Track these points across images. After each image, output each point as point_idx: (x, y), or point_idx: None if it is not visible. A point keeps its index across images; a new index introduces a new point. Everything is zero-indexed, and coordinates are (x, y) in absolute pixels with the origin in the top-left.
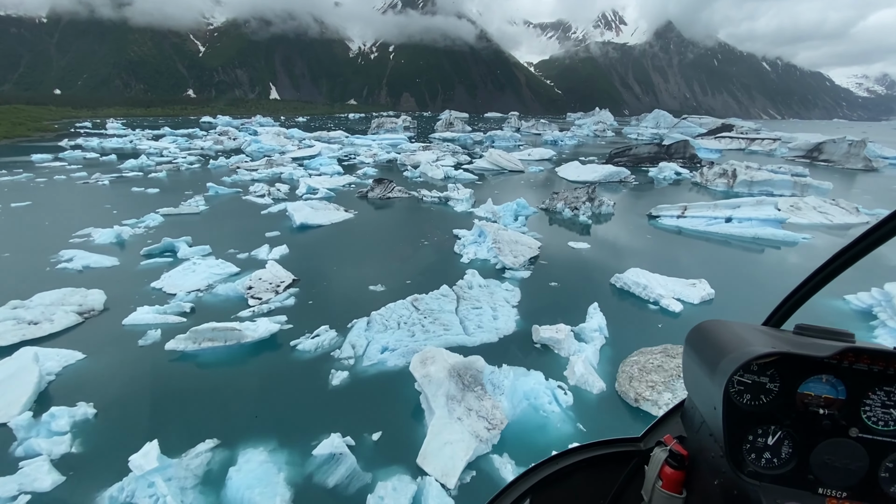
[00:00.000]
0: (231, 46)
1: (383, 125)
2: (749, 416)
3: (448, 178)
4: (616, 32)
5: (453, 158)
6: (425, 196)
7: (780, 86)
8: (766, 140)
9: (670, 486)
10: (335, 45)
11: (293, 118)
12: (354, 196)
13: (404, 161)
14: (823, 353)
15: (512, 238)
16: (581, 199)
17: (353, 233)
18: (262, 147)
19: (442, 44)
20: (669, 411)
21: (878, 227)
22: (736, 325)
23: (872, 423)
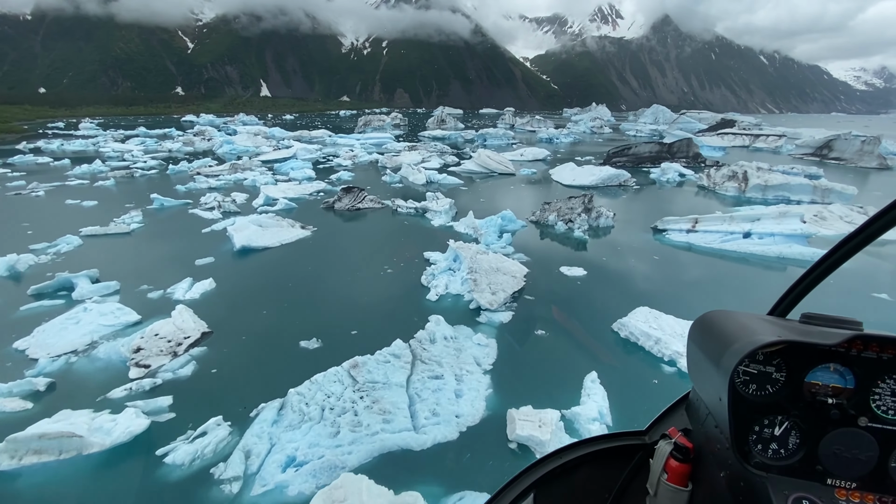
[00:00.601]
0: (221, 43)
1: (370, 123)
2: (755, 406)
3: (430, 184)
4: (613, 26)
5: (440, 159)
6: (400, 207)
7: (778, 80)
8: (770, 137)
9: (676, 479)
10: (328, 40)
11: (281, 116)
12: (319, 207)
13: (385, 163)
14: (831, 340)
15: (492, 265)
16: (576, 211)
17: (304, 258)
18: (234, 149)
19: (436, 39)
20: (674, 404)
21: (882, 214)
22: (741, 315)
23: (882, 413)
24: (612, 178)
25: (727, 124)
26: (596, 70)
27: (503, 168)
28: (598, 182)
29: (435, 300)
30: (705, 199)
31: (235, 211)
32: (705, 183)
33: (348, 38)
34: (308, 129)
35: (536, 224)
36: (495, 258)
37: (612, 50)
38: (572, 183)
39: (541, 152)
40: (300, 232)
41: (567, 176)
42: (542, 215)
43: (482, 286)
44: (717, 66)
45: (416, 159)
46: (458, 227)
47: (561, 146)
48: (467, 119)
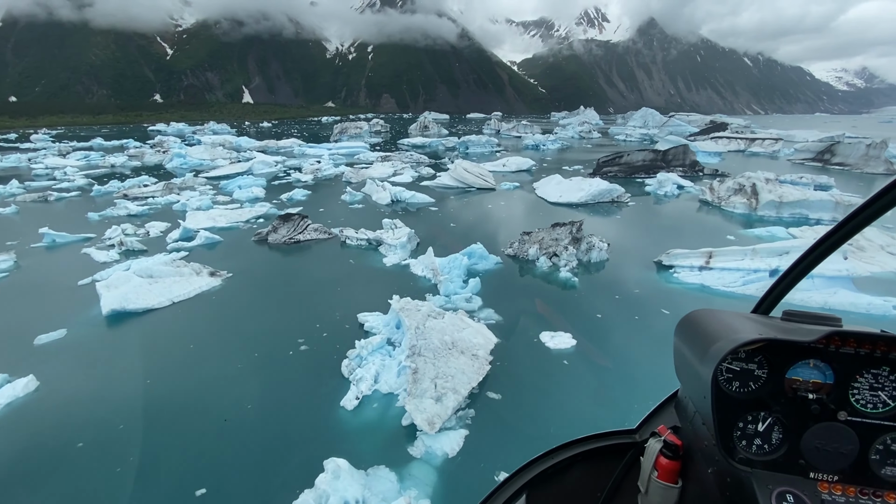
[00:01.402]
0: (201, 48)
1: (347, 131)
2: (739, 403)
3: (396, 203)
4: (599, 30)
5: (414, 172)
6: (349, 238)
7: (762, 81)
8: (766, 140)
9: (666, 476)
10: (312, 45)
11: (259, 123)
12: (249, 240)
13: (350, 177)
14: (809, 337)
15: (446, 337)
16: (562, 242)
17: (191, 328)
18: (186, 163)
19: (422, 43)
20: (663, 402)
21: (857, 213)
22: (724, 314)
23: (861, 406)
24: (604, 193)
25: (719, 127)
26: (583, 73)
27: (482, 182)
28: (588, 198)
29: (352, 409)
30: (712, 219)
31: (140, 249)
32: (708, 197)
33: (333, 42)
34: (283, 137)
35: (514, 259)
36: (452, 323)
37: (598, 53)
38: (559, 200)
39: (525, 162)
40: (206, 282)
41: (553, 191)
42: (521, 248)
43: (423, 384)
44: (702, 68)
45: (387, 172)
46: (415, 268)
47: (548, 153)
48: (454, 124)
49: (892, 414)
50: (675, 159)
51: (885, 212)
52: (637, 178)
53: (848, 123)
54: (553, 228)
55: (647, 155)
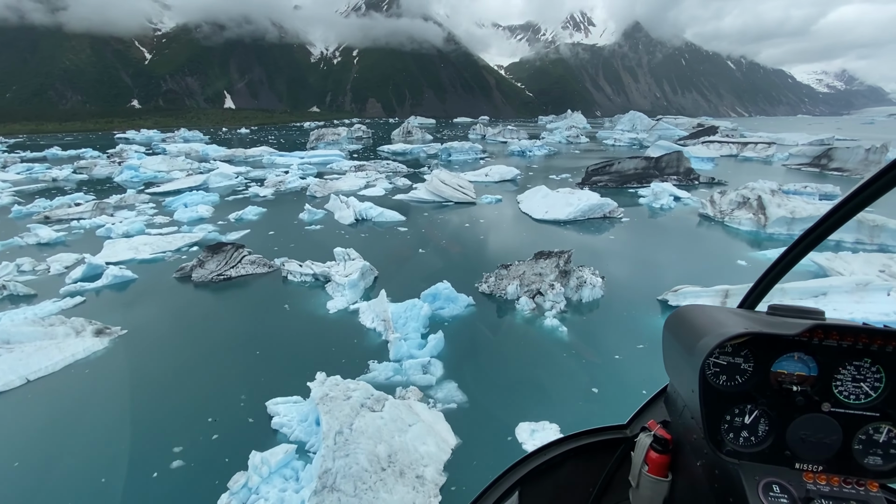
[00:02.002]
0: (181, 53)
1: (323, 137)
2: (726, 396)
3: (361, 222)
4: (585, 34)
5: (388, 183)
6: (292, 273)
7: (745, 84)
8: (759, 145)
9: (656, 470)
10: (295, 49)
11: (236, 129)
12: (170, 276)
13: (315, 191)
14: (793, 331)
15: (380, 449)
16: (548, 277)
17: (27, 427)
18: (138, 175)
19: (408, 47)
20: (653, 397)
21: (838, 209)
22: (711, 309)
23: (844, 398)
24: (595, 208)
25: (709, 131)
26: (570, 77)
27: (460, 196)
28: (578, 214)
29: None
30: (716, 237)
31: (26, 294)
32: (709, 211)
33: (317, 47)
34: (257, 144)
35: (490, 298)
36: (393, 418)
37: (585, 57)
38: (545, 217)
39: (510, 171)
40: (86, 345)
41: (538, 206)
42: (498, 285)
43: None
44: (687, 71)
45: (358, 184)
46: (364, 317)
47: (534, 160)
48: (440, 129)
49: (873, 404)
50: (669, 167)
51: (865, 206)
52: (629, 187)
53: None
54: (536, 261)
55: (639, 163)
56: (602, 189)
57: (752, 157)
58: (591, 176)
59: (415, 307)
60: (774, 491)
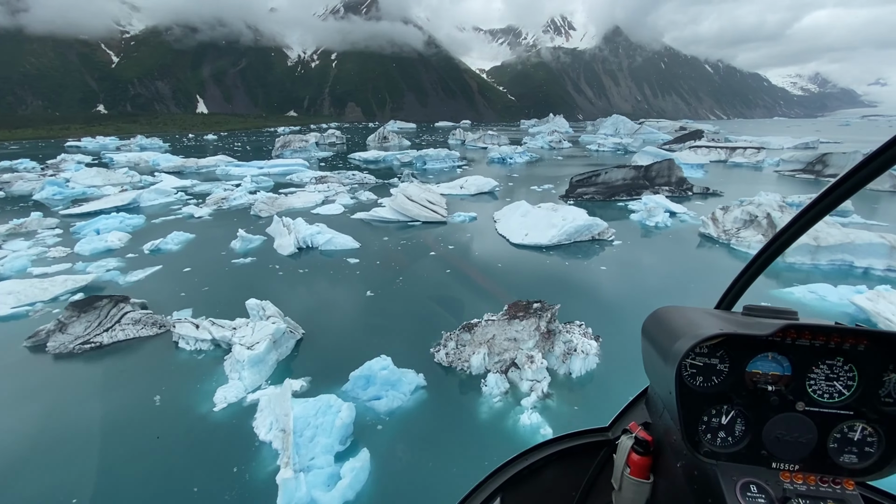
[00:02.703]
0: (150, 56)
1: (290, 144)
2: (702, 397)
3: (305, 251)
4: (566, 38)
5: (350, 198)
6: (184, 338)
7: (723, 87)
8: (748, 150)
9: (638, 472)
10: (272, 53)
11: (203, 135)
12: (20, 345)
13: (260, 210)
14: (766, 331)
15: None
16: (525, 345)
17: None
18: (63, 192)
19: (389, 50)
20: (634, 399)
21: (807, 211)
22: (688, 311)
23: (818, 397)
24: (582, 230)
25: (695, 135)
26: (552, 80)
27: (429, 214)
28: (563, 237)
29: None
30: (726, 266)
31: None
32: (712, 231)
33: (295, 50)
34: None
35: (447, 374)
36: None
37: (566, 60)
38: (524, 241)
39: (487, 182)
40: None
41: (518, 226)
42: (459, 353)
43: None
44: (667, 74)
45: (314, 200)
46: (259, 422)
47: (515, 168)
48: (420, 133)
49: (847, 403)
50: (660, 176)
51: (837, 206)
52: (618, 200)
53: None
54: (510, 321)
55: (627, 172)
56: (588, 203)
57: (742, 163)
58: (575, 188)
59: (330, 409)
60: (752, 491)
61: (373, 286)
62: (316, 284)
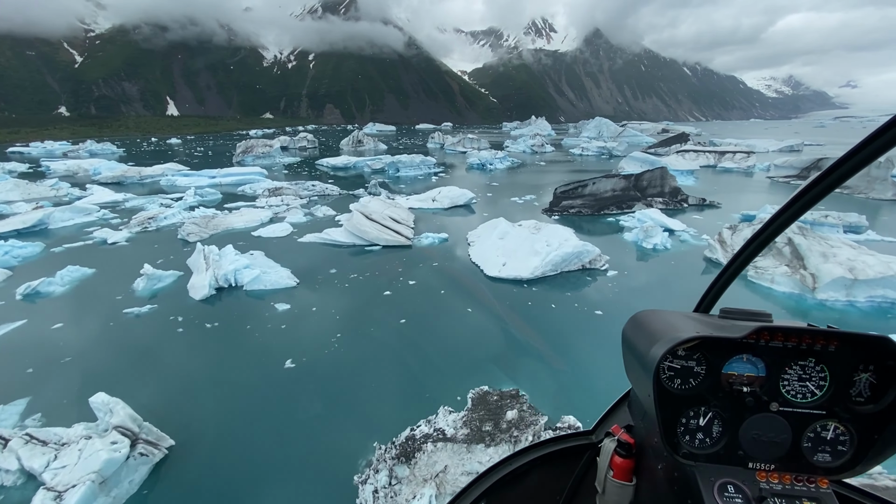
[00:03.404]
0: (116, 56)
1: (252, 150)
2: (681, 399)
3: (223, 293)
4: (547, 40)
5: (304, 214)
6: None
7: (701, 89)
8: (738, 154)
9: (620, 474)
10: (247, 53)
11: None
12: None
13: (189, 233)
14: (740, 333)
15: None
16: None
17: None
18: None
19: (368, 51)
20: (617, 402)
21: (780, 213)
22: (667, 314)
23: (791, 397)
24: (570, 258)
25: (680, 138)
26: (533, 83)
27: (390, 237)
28: (548, 268)
29: None
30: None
31: None
32: (720, 257)
33: (270, 50)
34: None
35: None
36: None
37: (547, 63)
38: (501, 274)
39: (463, 194)
40: None
41: (494, 252)
42: (393, 496)
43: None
44: (647, 77)
45: (261, 217)
46: None
47: (495, 175)
48: (399, 136)
49: (819, 403)
50: (652, 186)
51: (807, 210)
52: (608, 214)
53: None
54: (469, 447)
55: (616, 182)
56: (575, 217)
57: (732, 168)
58: (560, 200)
59: None
60: (729, 491)
61: (297, 352)
62: (217, 351)
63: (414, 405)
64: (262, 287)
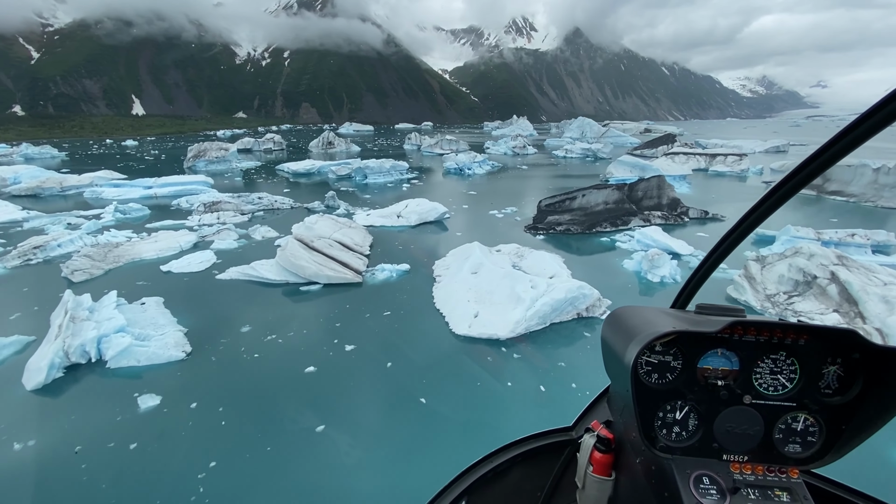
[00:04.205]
0: (77, 52)
1: (205, 154)
2: (658, 393)
3: (77, 373)
4: (528, 39)
5: (235, 239)
6: None
7: (679, 89)
8: (730, 157)
9: (600, 469)
10: (218, 50)
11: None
12: None
13: (74, 271)
14: (714, 328)
15: None
16: None
17: None
18: None
19: (346, 49)
20: (597, 397)
21: (753, 210)
22: (644, 310)
23: (763, 390)
24: (562, 306)
25: (667, 139)
26: (514, 82)
27: (333, 272)
28: (534, 322)
29: None
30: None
31: None
32: (750, 297)
33: (244, 47)
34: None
35: None
36: None
37: (528, 61)
38: (470, 332)
39: (434, 208)
40: None
41: (465, 296)
42: None
43: None
44: (626, 76)
45: (179, 244)
46: None
47: (474, 182)
48: (377, 136)
49: (790, 395)
50: (648, 197)
51: (780, 205)
52: (601, 232)
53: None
54: None
55: (609, 194)
56: (563, 236)
57: (725, 172)
58: (545, 215)
59: None
60: (704, 483)
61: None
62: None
63: None
64: (135, 363)
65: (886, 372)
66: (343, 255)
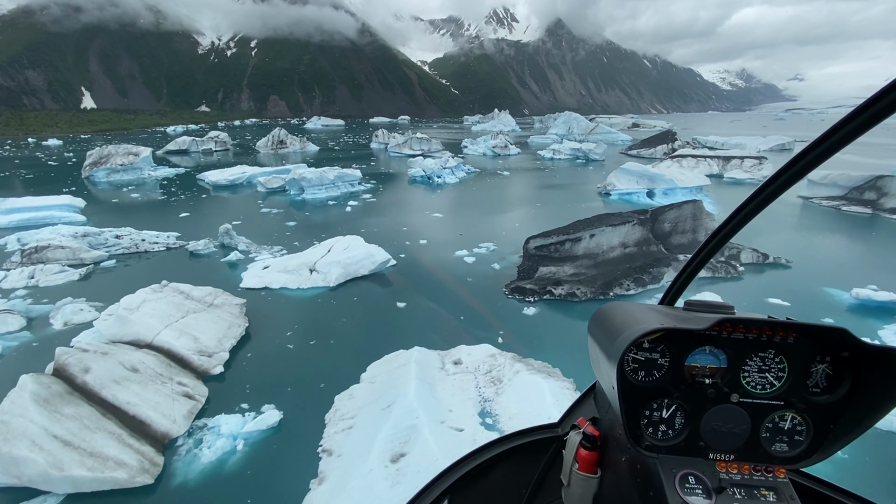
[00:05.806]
0: (17, 40)
1: (108, 161)
2: (644, 391)
3: None
4: (509, 30)
5: (13, 330)
6: None
7: (661, 82)
8: (746, 160)
9: (585, 467)
10: (178, 39)
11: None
12: None
13: None
14: (702, 325)
15: None
16: None
17: None
18: None
19: (317, 38)
20: (583, 395)
21: (742, 207)
22: (631, 307)
23: (751, 388)
24: None
25: (666, 137)
26: (496, 74)
27: (93, 464)
28: None
29: None
30: None
31: None
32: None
33: (207, 36)
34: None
35: None
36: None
37: (510, 53)
38: None
39: (369, 255)
40: None
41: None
42: None
43: None
44: (609, 69)
45: None
46: None
47: (442, 196)
48: (348, 132)
49: (777, 393)
50: (679, 232)
51: (770, 202)
52: (622, 296)
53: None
54: None
55: (627, 233)
56: (564, 304)
57: (745, 180)
58: (535, 263)
59: None
60: (690, 482)
61: None
62: None
63: None
64: None
65: (875, 371)
66: (144, 399)
